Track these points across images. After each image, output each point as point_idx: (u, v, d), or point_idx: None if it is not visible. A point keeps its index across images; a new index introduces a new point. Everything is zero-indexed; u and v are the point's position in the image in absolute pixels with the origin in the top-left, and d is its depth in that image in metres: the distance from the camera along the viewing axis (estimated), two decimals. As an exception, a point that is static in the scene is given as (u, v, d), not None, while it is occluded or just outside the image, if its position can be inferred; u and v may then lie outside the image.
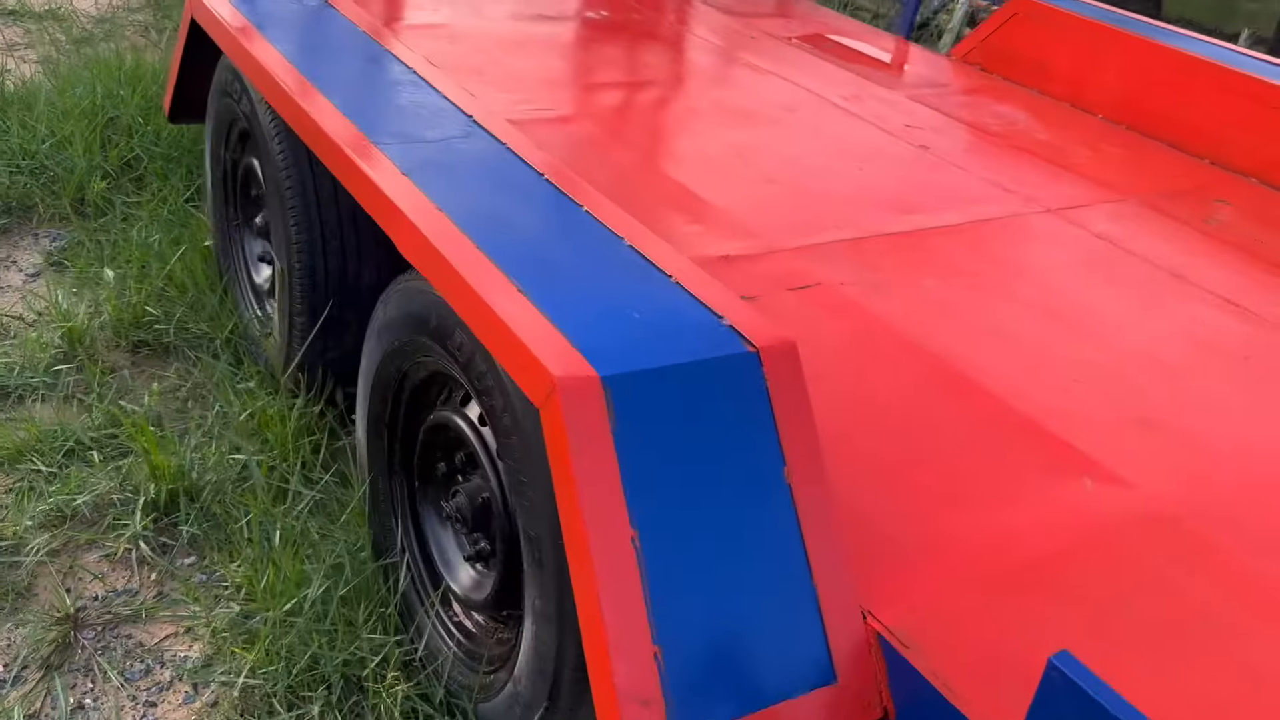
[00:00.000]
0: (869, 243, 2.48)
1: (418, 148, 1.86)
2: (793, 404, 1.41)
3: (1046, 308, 2.24)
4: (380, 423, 1.92)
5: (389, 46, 2.32)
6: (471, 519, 1.73)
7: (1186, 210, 2.92)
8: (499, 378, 1.49)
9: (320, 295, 2.26)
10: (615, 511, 1.27)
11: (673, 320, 1.44)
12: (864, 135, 3.15)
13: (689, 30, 4.00)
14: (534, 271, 1.49)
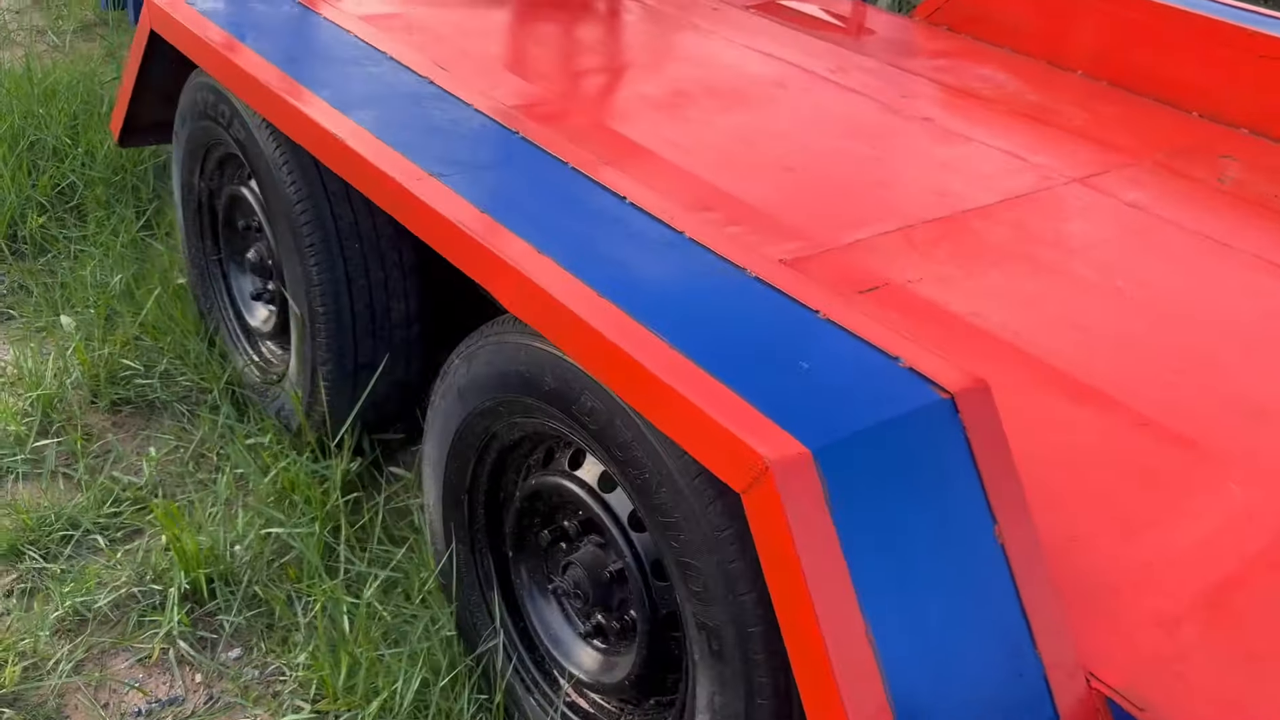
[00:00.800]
0: (915, 232, 2.35)
1: (482, 176, 1.64)
2: (994, 452, 1.26)
3: (1116, 290, 2.15)
4: (459, 489, 1.71)
5: (399, 57, 2.07)
6: (592, 594, 1.54)
7: (1198, 169, 2.87)
8: (650, 448, 1.30)
9: (348, 339, 2.01)
10: (846, 601, 1.11)
11: (847, 368, 1.28)
12: (863, 111, 3.01)
13: (654, 6, 3.79)
14: (680, 323, 1.30)
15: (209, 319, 2.47)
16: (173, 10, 2.16)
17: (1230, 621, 1.35)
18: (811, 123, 2.89)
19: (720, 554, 1.26)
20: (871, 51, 3.57)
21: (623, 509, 1.48)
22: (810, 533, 1.10)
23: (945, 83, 3.34)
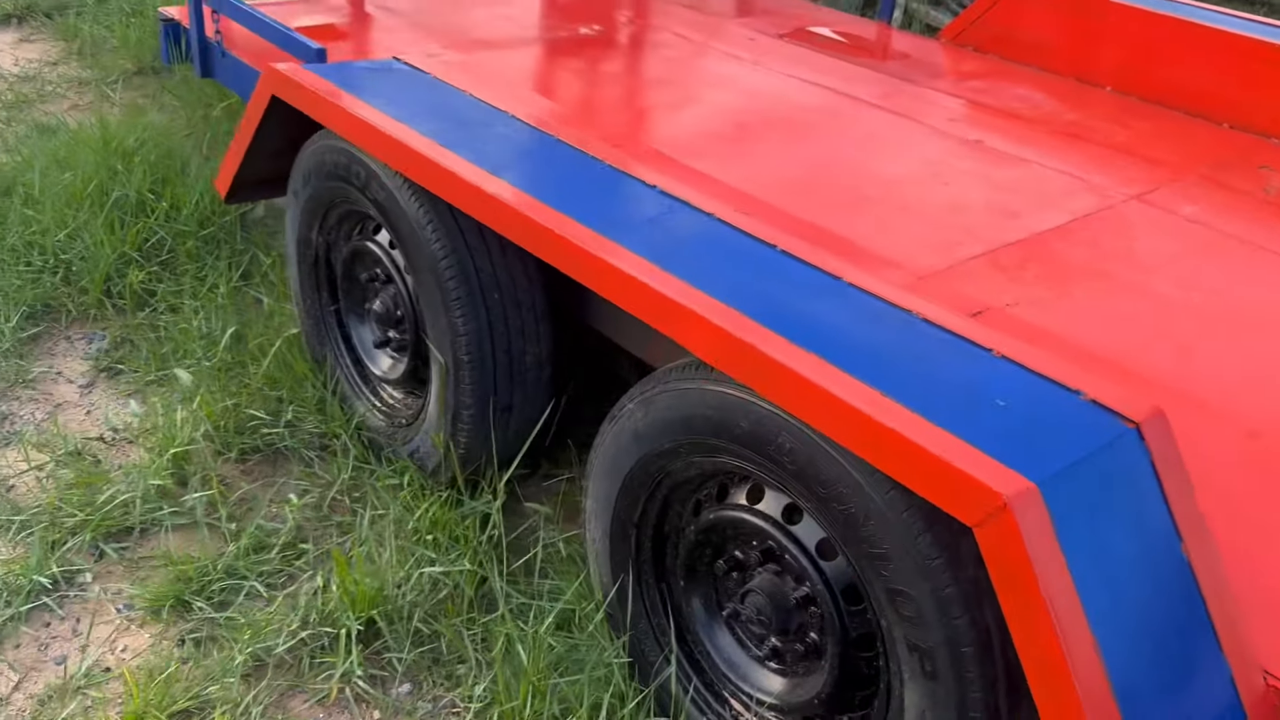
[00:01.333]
0: (999, 255, 2.48)
1: (645, 233, 1.75)
2: (1175, 475, 1.39)
3: (1201, 306, 2.29)
4: (629, 524, 1.82)
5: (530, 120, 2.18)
6: (775, 619, 1.65)
7: (1242, 181, 3.02)
8: (855, 484, 1.42)
9: (489, 384, 2.12)
10: (1078, 620, 1.23)
11: (1039, 405, 1.40)
12: (916, 136, 3.14)
13: (688, 38, 3.91)
14: (877, 368, 1.42)
15: (325, 368, 2.56)
16: (302, 79, 2.26)
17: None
18: (873, 150, 3.02)
19: (933, 581, 1.37)
20: (909, 75, 3.71)
21: (810, 539, 1.60)
22: (1045, 559, 1.22)
23: (984, 104, 3.49)
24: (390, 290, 2.34)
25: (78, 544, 2.17)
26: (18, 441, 2.46)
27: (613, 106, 3.12)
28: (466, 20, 3.89)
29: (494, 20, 3.94)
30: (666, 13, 4.25)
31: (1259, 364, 2.09)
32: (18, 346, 2.75)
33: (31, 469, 2.37)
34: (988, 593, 1.36)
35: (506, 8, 4.17)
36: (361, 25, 3.73)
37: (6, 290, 2.86)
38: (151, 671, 1.88)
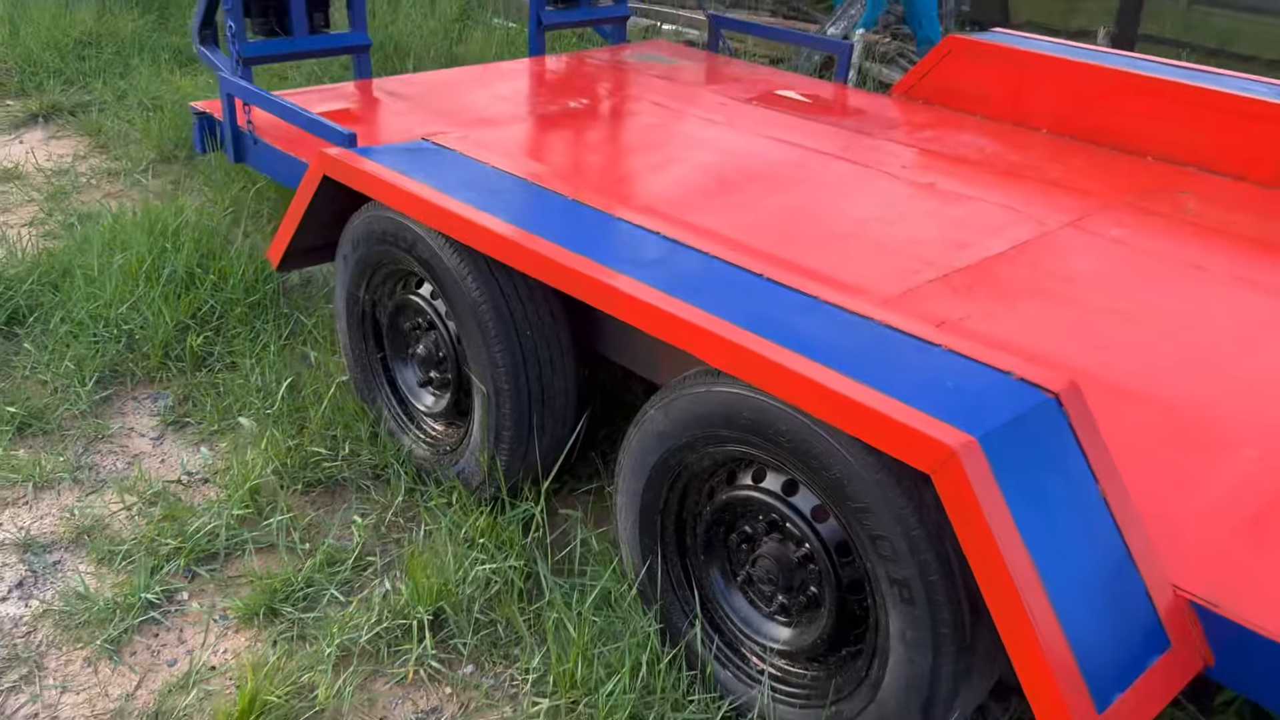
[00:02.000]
0: (952, 279, 2.89)
1: (655, 270, 2.14)
2: (1089, 432, 1.77)
3: (1126, 312, 2.69)
4: (654, 511, 2.18)
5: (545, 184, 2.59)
6: (780, 577, 2.01)
7: (1164, 206, 3.46)
8: (839, 455, 1.79)
9: (525, 409, 2.49)
10: (1018, 546, 1.60)
11: (978, 383, 1.79)
12: (877, 182, 3.58)
13: (666, 106, 4.36)
14: (854, 363, 1.80)
15: (374, 409, 2.93)
16: (352, 161, 2.66)
17: (1259, 542, 1.86)
18: (839, 195, 3.44)
19: (904, 525, 1.74)
20: (867, 129, 4.17)
21: (805, 506, 1.96)
22: (988, 497, 1.59)
23: (935, 150, 3.93)
24: (432, 336, 2.71)
25: (173, 568, 2.50)
26: (106, 487, 2.79)
27: (611, 169, 3.54)
28: (466, 102, 4.32)
29: (491, 101, 4.38)
30: (642, 84, 4.71)
31: (1178, 356, 2.49)
32: (93, 408, 3.10)
33: (123, 509, 2.70)
34: (947, 532, 1.73)
35: (498, 88, 4.62)
36: (375, 111, 4.15)
37: (79, 359, 3.21)
38: (254, 665, 2.21)
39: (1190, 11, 6.58)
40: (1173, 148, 3.85)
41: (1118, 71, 4.04)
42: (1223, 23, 6.56)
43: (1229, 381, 2.39)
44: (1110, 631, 1.68)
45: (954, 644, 1.76)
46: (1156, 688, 1.70)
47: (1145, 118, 3.94)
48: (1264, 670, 1.71)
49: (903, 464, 1.72)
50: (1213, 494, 2.01)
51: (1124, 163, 3.86)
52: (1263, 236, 3.21)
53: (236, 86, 3.69)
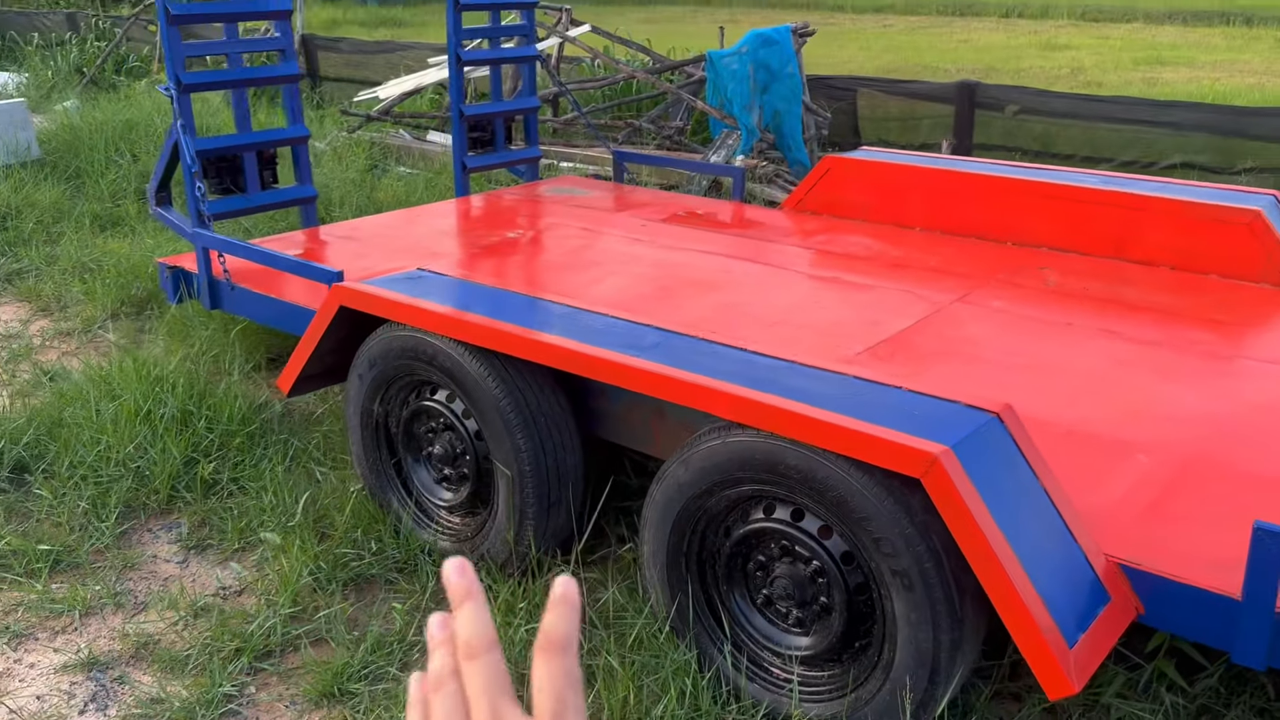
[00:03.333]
0: (876, 349, 3.45)
1: (658, 353, 2.60)
2: (1026, 440, 2.29)
3: (1017, 364, 3.29)
4: (679, 553, 2.59)
5: (537, 294, 3.04)
6: (797, 595, 2.44)
7: (1030, 280, 4.15)
8: (841, 478, 2.25)
9: (545, 487, 2.88)
10: (997, 532, 2.09)
11: (938, 411, 2.30)
12: (791, 280, 4.17)
13: (593, 229, 4.90)
14: (841, 405, 2.29)
15: (389, 512, 3.25)
16: (370, 291, 3.05)
17: (1160, 519, 2.41)
18: (764, 292, 4.01)
19: (900, 526, 2.21)
20: (770, 238, 4.80)
21: (813, 528, 2.41)
22: (967, 491, 2.08)
23: (831, 251, 4.57)
24: (447, 436, 3.08)
25: (237, 667, 2.74)
26: (148, 607, 3.01)
27: (568, 282, 4.01)
28: (415, 240, 4.76)
29: (438, 237, 4.84)
30: (565, 213, 5.26)
31: (1066, 392, 3.08)
32: (115, 542, 3.31)
33: (174, 623, 2.92)
34: (932, 526, 2.20)
35: (439, 226, 5.09)
36: (336, 252, 4.54)
37: (93, 498, 3.42)
38: (339, 735, 2.47)
39: (1012, 122, 7.62)
40: (1027, 233, 4.59)
41: (974, 174, 4.80)
42: (1039, 129, 7.62)
43: (1110, 408, 2.98)
44: (1067, 590, 2.17)
45: (948, 618, 2.22)
46: (1106, 630, 2.20)
47: (1001, 210, 4.69)
48: (1180, 610, 2.22)
49: (894, 477, 2.20)
50: (1119, 488, 2.56)
51: (989, 249, 4.58)
52: (1113, 297, 3.91)
53: (213, 239, 4.03)
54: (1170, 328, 3.58)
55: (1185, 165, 6.56)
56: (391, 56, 10.82)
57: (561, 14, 8.03)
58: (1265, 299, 3.82)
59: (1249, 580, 2.07)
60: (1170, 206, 4.16)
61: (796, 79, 6.90)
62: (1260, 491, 2.53)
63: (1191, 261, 4.10)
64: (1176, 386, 3.13)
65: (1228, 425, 2.87)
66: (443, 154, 7.77)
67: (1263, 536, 2.02)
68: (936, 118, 7.87)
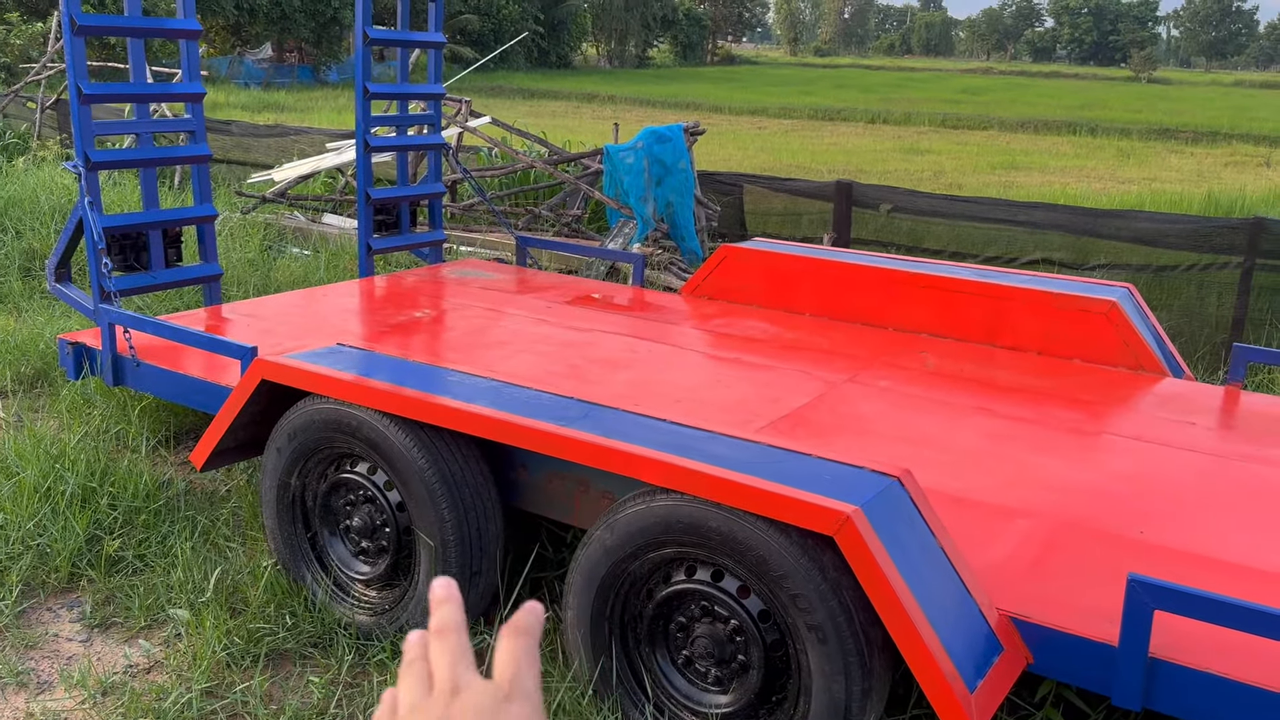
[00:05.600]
0: (777, 424, 3.67)
1: (586, 424, 2.74)
2: (924, 503, 2.51)
3: (906, 436, 3.55)
4: (603, 618, 2.69)
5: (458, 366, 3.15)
6: (717, 654, 2.57)
7: (911, 362, 4.47)
8: (761, 539, 2.42)
9: (468, 556, 2.95)
10: (903, 586, 2.28)
11: (846, 475, 2.50)
12: (692, 360, 4.39)
13: (499, 310, 5.04)
14: (761, 470, 2.47)
15: (304, 586, 3.25)
16: (292, 364, 3.11)
17: (1042, 576, 2.65)
18: (668, 371, 4.20)
19: (814, 582, 2.38)
20: (671, 321, 5.02)
21: (732, 588, 2.55)
22: (876, 548, 2.27)
23: (730, 334, 4.82)
24: (367, 508, 3.13)
25: (150, 745, 2.69)
26: (53, 686, 2.93)
27: (481, 361, 4.12)
28: (322, 318, 4.81)
29: (344, 315, 4.90)
30: (471, 294, 5.38)
31: (953, 463, 3.34)
32: (15, 621, 3.20)
33: (78, 704, 2.85)
34: (843, 582, 2.38)
35: (344, 304, 5.14)
36: (244, 329, 4.54)
37: (-9, 577, 3.31)
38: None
39: (884, 218, 8.16)
40: (907, 320, 4.93)
41: (857, 265, 5.15)
42: (909, 225, 8.17)
43: (990, 477, 3.25)
44: (965, 640, 2.37)
45: (859, 668, 2.38)
46: (1001, 678, 2.40)
47: (883, 298, 5.03)
48: (1065, 658, 2.44)
49: (809, 535, 2.37)
50: (1004, 548, 2.80)
51: (873, 334, 4.90)
52: (987, 379, 4.24)
53: (121, 316, 4.01)
54: (1039, 406, 3.91)
55: (1044, 261, 7.12)
56: (283, 140, 10.86)
57: (462, 105, 8.27)
58: (1122, 381, 4.21)
59: (1125, 627, 2.30)
60: (1036, 297, 4.56)
61: (689, 173, 7.26)
62: (1128, 549, 2.80)
63: (1056, 347, 4.49)
64: (1048, 458, 3.43)
65: (1096, 492, 3.17)
66: (340, 235, 7.82)
67: (1136, 587, 2.27)
68: (816, 213, 8.35)
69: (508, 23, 46.28)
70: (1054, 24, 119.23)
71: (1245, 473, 3.35)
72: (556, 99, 34.65)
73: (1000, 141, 24.44)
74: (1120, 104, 36.05)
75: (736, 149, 19.97)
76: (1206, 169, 18.93)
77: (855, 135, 25.55)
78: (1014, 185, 15.39)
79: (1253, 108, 37.21)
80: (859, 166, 17.66)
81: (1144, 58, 73.98)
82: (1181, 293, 6.60)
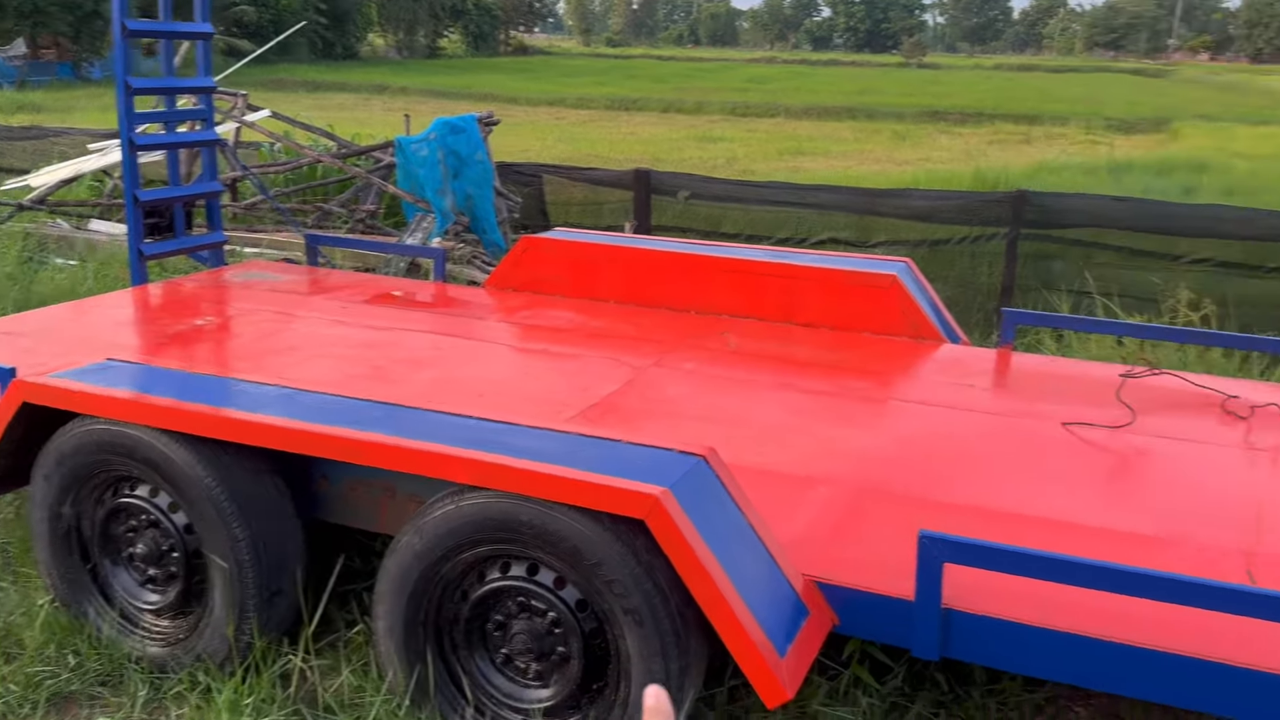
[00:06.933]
0: (587, 413, 3.66)
1: (387, 425, 2.64)
2: (729, 479, 2.56)
3: (713, 415, 3.62)
4: (416, 623, 2.61)
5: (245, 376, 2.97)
6: (536, 648, 2.54)
7: (714, 343, 4.56)
8: (575, 529, 2.39)
9: (264, 576, 2.79)
10: (714, 562, 2.31)
11: (654, 459, 2.51)
12: (500, 353, 4.34)
13: (293, 314, 4.80)
14: (572, 460, 2.44)
15: (88, 621, 2.99)
16: (57, 384, 2.85)
17: (842, 541, 2.75)
18: (475, 366, 4.14)
19: (628, 566, 2.38)
20: (476, 315, 4.94)
21: (548, 580, 2.52)
22: (687, 529, 2.29)
23: (536, 325, 4.79)
24: (151, 534, 2.91)
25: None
26: None
27: (274, 367, 3.91)
28: (91, 332, 4.43)
29: (116, 328, 4.54)
30: (259, 298, 5.11)
31: (754, 439, 3.42)
32: None
33: None
34: (656, 564, 2.39)
35: (116, 316, 4.78)
36: (1, 349, 4.12)
37: None
38: None
39: (683, 205, 8.32)
40: (708, 302, 5.03)
41: (659, 251, 5.21)
42: (706, 211, 8.37)
43: (792, 450, 3.36)
44: (774, 608, 2.43)
45: (676, 646, 2.40)
46: (809, 641, 2.47)
47: (685, 283, 5.10)
48: (867, 616, 2.55)
49: (620, 521, 2.37)
50: (807, 516, 2.89)
51: (676, 318, 4.97)
52: (786, 355, 4.38)
53: None
54: (834, 379, 4.08)
55: (832, 240, 7.45)
56: (41, 143, 10.00)
57: (237, 99, 7.83)
58: (905, 350, 4.44)
59: (919, 582, 2.42)
60: (825, 275, 4.75)
61: (486, 165, 7.16)
62: (921, 508, 2.95)
63: (846, 321, 4.68)
64: (844, 428, 3.58)
65: (889, 456, 3.33)
66: (110, 243, 7.26)
67: (926, 543, 2.39)
68: (617, 202, 8.41)
69: (287, 13, 44.32)
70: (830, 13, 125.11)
71: (1019, 428, 3.60)
72: (344, 91, 33.50)
73: (787, 128, 25.42)
74: (894, 89, 38.21)
75: (536, 140, 19.90)
76: (974, 148, 20.33)
77: (651, 124, 25.98)
78: (802, 170, 16.05)
79: (1012, 89, 40.25)
80: (656, 155, 17.96)
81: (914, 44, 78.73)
82: (956, 264, 7.05)
